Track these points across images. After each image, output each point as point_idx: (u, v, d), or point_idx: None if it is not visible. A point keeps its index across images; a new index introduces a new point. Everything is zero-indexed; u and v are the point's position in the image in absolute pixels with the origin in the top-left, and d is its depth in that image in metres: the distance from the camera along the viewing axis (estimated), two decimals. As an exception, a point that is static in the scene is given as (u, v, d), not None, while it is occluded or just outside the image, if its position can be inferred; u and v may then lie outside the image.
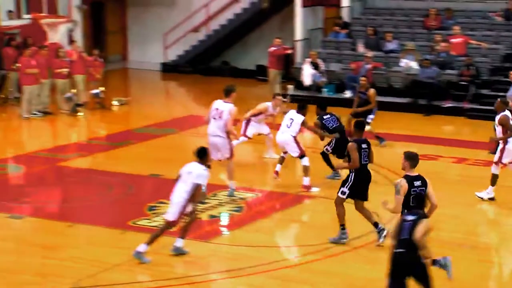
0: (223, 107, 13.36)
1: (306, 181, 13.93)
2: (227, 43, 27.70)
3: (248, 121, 15.80)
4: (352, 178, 11.19)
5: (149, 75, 27.78)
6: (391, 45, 22.72)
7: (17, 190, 14.26)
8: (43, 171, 15.67)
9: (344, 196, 11.23)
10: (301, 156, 14.00)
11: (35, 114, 20.14)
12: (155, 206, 13.03)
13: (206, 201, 13.28)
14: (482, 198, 13.46)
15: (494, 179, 13.41)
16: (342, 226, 11.34)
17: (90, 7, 27.67)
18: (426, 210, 9.58)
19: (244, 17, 26.87)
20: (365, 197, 11.31)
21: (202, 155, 10.94)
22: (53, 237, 11.81)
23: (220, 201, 13.44)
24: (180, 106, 23.63)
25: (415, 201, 9.67)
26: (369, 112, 16.98)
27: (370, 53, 22.24)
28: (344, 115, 16.10)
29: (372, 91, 17.04)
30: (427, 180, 9.83)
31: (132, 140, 17.77)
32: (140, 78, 27.64)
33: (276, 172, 14.38)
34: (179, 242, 10.88)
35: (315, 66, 22.50)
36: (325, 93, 22.43)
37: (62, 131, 19.75)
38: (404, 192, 9.68)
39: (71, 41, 22.33)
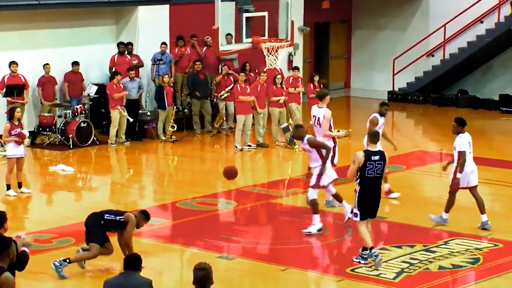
0: (318, 113, 15.04)
1: None
2: (465, 69, 27.20)
3: None
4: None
5: (373, 104, 27.61)
6: None
7: (227, 228, 14.68)
8: (255, 208, 16.05)
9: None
10: None
11: (249, 146, 20.73)
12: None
13: (436, 249, 13.04)
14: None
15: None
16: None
17: (313, 29, 28.20)
18: None
19: (488, 39, 26.26)
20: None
21: None
22: (264, 282, 12.03)
23: (452, 250, 13.12)
24: (408, 140, 23.40)
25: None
26: None
27: None
28: None
29: None
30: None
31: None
32: (363, 107, 27.67)
33: None
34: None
35: None
36: None
37: (277, 165, 20.16)
38: (360, 163, 12.03)
39: (294, 68, 22.81)
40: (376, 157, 12.12)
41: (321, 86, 22.00)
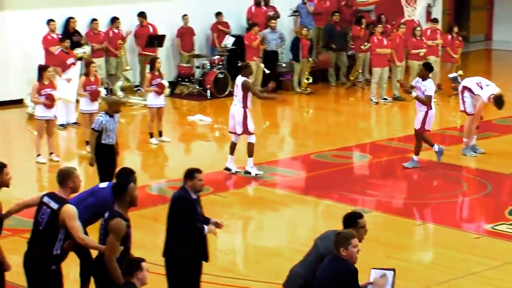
0: None
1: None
2: None
3: None
4: None
5: (516, 58, 27.09)
6: None
7: (362, 181, 14.71)
8: (390, 162, 15.99)
9: None
10: None
11: (385, 99, 20.58)
12: (518, 210, 12.75)
13: None
14: None
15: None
16: None
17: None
18: None
19: None
20: None
21: None
22: (399, 235, 12.03)
23: None
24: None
25: None
26: None
27: None
28: None
29: None
30: None
31: (493, 132, 17.48)
32: (505, 61, 27.05)
33: None
34: None
35: None
36: None
37: (413, 119, 19.90)
38: None
39: (433, 20, 22.42)
40: None
41: (459, 38, 21.57)
